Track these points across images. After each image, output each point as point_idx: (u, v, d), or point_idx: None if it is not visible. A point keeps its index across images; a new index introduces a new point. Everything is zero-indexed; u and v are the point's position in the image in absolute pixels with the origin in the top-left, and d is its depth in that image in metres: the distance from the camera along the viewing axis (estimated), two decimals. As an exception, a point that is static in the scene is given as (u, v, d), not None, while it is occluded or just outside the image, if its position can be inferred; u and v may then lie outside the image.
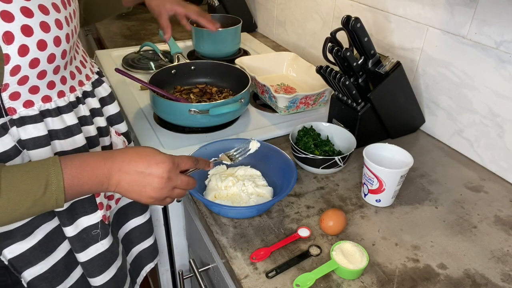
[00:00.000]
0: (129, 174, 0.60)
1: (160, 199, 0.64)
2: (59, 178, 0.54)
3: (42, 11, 0.57)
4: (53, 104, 0.64)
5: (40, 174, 0.54)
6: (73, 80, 0.69)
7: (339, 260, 0.68)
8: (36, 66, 0.58)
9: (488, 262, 0.73)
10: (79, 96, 0.70)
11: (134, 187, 0.61)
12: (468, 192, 0.90)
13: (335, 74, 0.94)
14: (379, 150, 0.86)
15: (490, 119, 0.94)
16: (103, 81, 0.79)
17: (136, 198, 0.63)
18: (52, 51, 0.59)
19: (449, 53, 1.00)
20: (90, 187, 0.58)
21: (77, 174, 0.56)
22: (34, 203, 0.53)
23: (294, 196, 0.86)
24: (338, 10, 1.34)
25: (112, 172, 0.60)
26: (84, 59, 0.75)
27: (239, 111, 1.09)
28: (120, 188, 0.61)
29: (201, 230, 0.91)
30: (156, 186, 0.62)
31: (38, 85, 0.61)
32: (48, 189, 0.54)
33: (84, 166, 0.57)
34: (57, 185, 0.54)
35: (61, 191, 0.55)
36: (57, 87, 0.64)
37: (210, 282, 0.96)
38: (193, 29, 1.47)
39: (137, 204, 0.89)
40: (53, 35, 0.58)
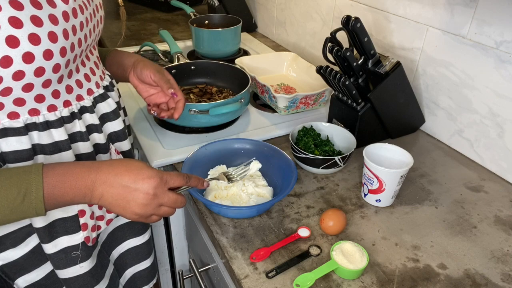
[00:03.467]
0: (113, 188, 0.58)
1: (144, 216, 0.61)
2: (39, 187, 0.53)
3: (34, 22, 0.54)
4: (41, 118, 0.61)
5: (20, 181, 0.52)
6: (70, 94, 0.64)
7: (339, 260, 0.68)
8: (21, 78, 0.55)
9: (488, 262, 0.73)
10: (75, 112, 0.66)
11: (118, 201, 0.58)
12: (468, 192, 0.90)
13: (335, 74, 0.94)
14: (379, 150, 0.86)
15: (490, 119, 0.94)
16: (109, 96, 0.73)
17: (120, 213, 0.60)
18: (41, 65, 0.55)
19: (449, 53, 1.00)
20: (72, 198, 0.56)
21: (59, 183, 0.55)
22: (11, 210, 0.52)
23: (294, 196, 0.86)
24: (338, 10, 1.34)
25: (96, 184, 0.57)
26: (92, 71, 0.70)
27: (239, 111, 1.09)
28: (104, 201, 0.58)
29: (201, 230, 0.91)
30: (140, 202, 0.59)
31: (23, 98, 0.57)
32: (27, 198, 0.52)
33: (67, 176, 0.56)
34: (36, 194, 0.53)
35: (40, 201, 0.53)
36: (47, 101, 0.61)
37: (210, 282, 0.96)
38: (193, 29, 1.47)
39: (136, 224, 0.85)
40: (43, 48, 0.55)
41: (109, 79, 0.76)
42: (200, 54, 1.52)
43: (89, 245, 0.71)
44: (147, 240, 0.88)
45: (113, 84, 0.77)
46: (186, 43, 1.68)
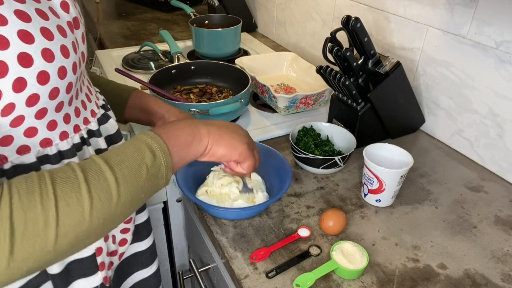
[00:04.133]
0: (214, 125, 0.61)
1: (252, 147, 0.65)
2: (160, 142, 0.52)
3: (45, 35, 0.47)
4: (54, 149, 0.53)
5: (140, 145, 0.51)
6: (78, 118, 0.57)
7: (339, 260, 0.68)
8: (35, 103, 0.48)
9: (488, 262, 0.73)
10: (84, 137, 0.59)
11: (227, 132, 0.61)
12: (468, 192, 0.90)
13: (335, 74, 0.94)
14: (379, 150, 0.86)
15: (490, 119, 0.94)
16: (110, 116, 0.66)
17: (231, 142, 0.61)
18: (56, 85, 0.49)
19: (449, 53, 1.00)
20: (185, 139, 0.56)
21: (170, 132, 0.55)
22: (148, 173, 0.50)
23: (294, 196, 0.86)
24: (338, 10, 1.34)
25: (198, 124, 0.59)
26: (89, 90, 0.63)
27: (239, 111, 1.09)
28: (213, 135, 0.59)
29: (201, 230, 0.91)
30: (244, 133, 0.64)
31: (36, 126, 0.50)
32: (156, 155, 0.51)
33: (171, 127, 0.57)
34: (161, 149, 0.52)
35: (167, 155, 0.52)
36: (59, 128, 0.53)
37: (210, 282, 0.96)
38: (193, 29, 1.47)
39: (142, 255, 0.77)
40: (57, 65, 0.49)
41: (101, 96, 0.69)
42: (200, 54, 1.52)
43: (107, 286, 0.64)
44: (155, 271, 0.81)
45: (106, 102, 0.70)
46: (186, 43, 1.68)
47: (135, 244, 0.76)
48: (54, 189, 0.42)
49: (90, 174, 0.45)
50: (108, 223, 0.47)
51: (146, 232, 0.77)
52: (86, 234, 0.45)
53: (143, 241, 0.77)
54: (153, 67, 1.41)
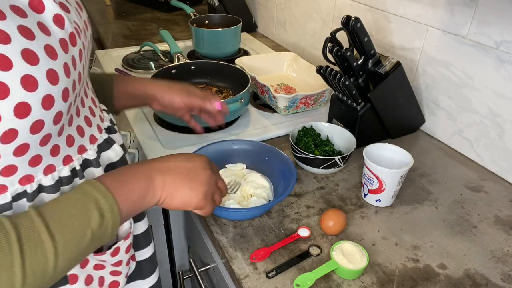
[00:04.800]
0: (171, 171, 0.53)
1: (210, 196, 0.57)
2: (111, 201, 0.46)
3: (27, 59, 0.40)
4: (34, 185, 0.47)
5: (88, 203, 0.45)
6: (71, 147, 0.51)
7: (339, 260, 0.68)
8: (13, 139, 0.41)
9: (488, 262, 0.73)
10: (76, 168, 0.52)
11: (182, 184, 0.54)
12: (468, 192, 0.90)
13: (335, 74, 0.94)
14: (379, 150, 0.86)
15: (490, 119, 0.94)
16: (114, 141, 0.60)
17: (187, 197, 0.54)
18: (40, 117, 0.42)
19: (449, 53, 1.00)
20: (138, 194, 0.50)
21: (120, 183, 0.48)
22: (92, 238, 0.44)
23: (294, 196, 0.86)
24: (338, 10, 1.34)
25: (152, 173, 0.52)
26: (92, 112, 0.56)
27: (239, 111, 1.09)
28: (167, 189, 0.52)
29: (201, 230, 0.91)
30: (203, 178, 0.55)
31: (15, 164, 0.44)
32: (104, 218, 0.45)
33: (125, 176, 0.50)
34: (111, 210, 0.46)
35: (116, 217, 0.47)
36: (44, 162, 0.47)
37: (210, 282, 0.96)
38: (193, 29, 1.47)
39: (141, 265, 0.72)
40: (42, 93, 0.42)
41: (108, 117, 0.63)
42: (200, 54, 1.52)
43: None
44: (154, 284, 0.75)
45: (113, 121, 0.65)
46: (186, 43, 1.67)
47: (137, 282, 0.72)
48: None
49: (26, 245, 0.39)
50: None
51: (149, 269, 0.73)
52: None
53: (146, 279, 0.73)
54: (153, 67, 1.41)
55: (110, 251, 0.56)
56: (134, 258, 0.69)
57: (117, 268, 0.61)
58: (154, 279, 0.74)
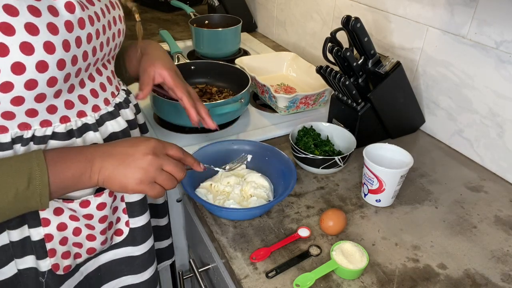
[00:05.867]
0: (112, 156, 0.56)
1: (147, 181, 0.58)
2: (43, 170, 0.51)
3: (29, 30, 0.50)
4: (29, 133, 0.57)
5: (22, 167, 0.51)
6: (70, 110, 0.60)
7: (339, 260, 0.68)
8: (9, 91, 0.51)
9: (488, 262, 0.73)
10: (73, 129, 0.60)
11: (118, 169, 0.56)
12: (468, 192, 0.90)
13: (335, 74, 0.94)
14: (379, 150, 0.86)
15: (490, 119, 0.94)
16: (119, 114, 0.67)
17: (122, 183, 0.57)
18: (32, 77, 0.52)
19: (449, 53, 1.00)
20: (73, 173, 0.54)
21: (60, 160, 0.53)
22: (16, 197, 0.50)
23: (294, 196, 0.86)
24: (338, 10, 1.34)
25: (95, 156, 0.56)
26: (102, 87, 0.65)
27: (239, 111, 1.09)
28: (103, 173, 0.56)
29: (201, 230, 0.91)
30: (141, 165, 0.57)
31: (13, 111, 0.54)
32: (32, 183, 0.51)
33: (67, 153, 0.55)
34: (40, 179, 0.51)
35: (45, 185, 0.51)
36: (40, 116, 0.56)
37: (210, 282, 0.96)
38: (193, 29, 1.47)
39: (135, 260, 0.76)
40: (36, 58, 0.51)
41: (124, 95, 0.71)
42: (200, 54, 1.52)
43: (59, 273, 0.65)
44: (147, 279, 0.78)
45: (129, 100, 0.72)
46: (186, 43, 1.68)
47: (128, 248, 0.74)
48: None
49: None
50: None
51: (142, 237, 0.75)
52: None
53: (137, 246, 0.75)
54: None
55: (78, 201, 0.62)
56: (128, 224, 0.73)
57: (89, 222, 0.65)
58: (146, 247, 0.76)
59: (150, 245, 0.77)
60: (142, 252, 0.76)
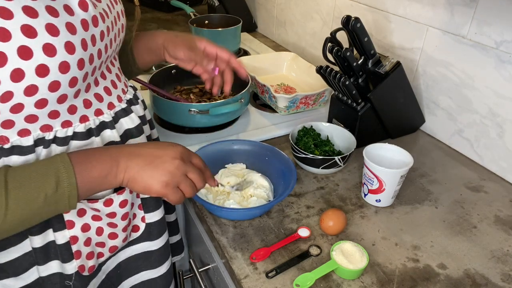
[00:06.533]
0: (139, 156, 0.57)
1: (172, 185, 0.58)
2: (70, 173, 0.51)
3: (49, 31, 0.49)
4: (51, 134, 0.56)
5: (49, 170, 0.50)
6: (88, 109, 0.60)
7: (339, 260, 0.68)
8: (33, 94, 0.50)
9: (488, 262, 0.73)
10: (92, 127, 0.61)
11: (145, 169, 0.56)
12: (468, 192, 0.90)
13: (335, 74, 0.94)
14: (379, 150, 0.86)
15: (490, 119, 0.94)
16: (132, 111, 0.68)
17: (147, 182, 0.57)
18: (56, 78, 0.51)
19: (449, 53, 1.00)
20: (99, 173, 0.54)
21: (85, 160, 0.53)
22: (45, 201, 0.50)
23: (294, 196, 0.86)
24: (338, 10, 1.34)
25: (121, 155, 0.56)
26: (113, 84, 0.65)
27: (239, 111, 1.09)
28: (129, 172, 0.56)
29: (201, 230, 0.91)
30: (168, 168, 0.57)
31: (36, 114, 0.53)
32: (60, 186, 0.50)
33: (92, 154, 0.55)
34: (68, 181, 0.51)
35: (73, 187, 0.51)
36: (61, 117, 0.56)
37: (210, 282, 0.96)
38: (193, 29, 1.47)
39: (152, 254, 0.77)
40: (59, 60, 0.50)
41: (133, 91, 0.72)
42: (200, 54, 1.52)
43: (85, 274, 0.65)
44: (164, 273, 0.80)
45: (137, 97, 0.73)
46: (186, 43, 1.67)
47: (145, 243, 0.76)
48: None
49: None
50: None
51: (157, 232, 0.76)
52: None
53: (154, 241, 0.76)
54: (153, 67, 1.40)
55: (103, 201, 0.62)
56: (144, 220, 0.73)
57: (112, 220, 0.66)
58: (161, 242, 0.77)
59: (165, 239, 0.78)
60: (158, 246, 0.77)
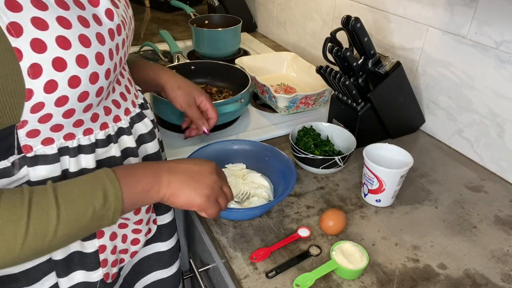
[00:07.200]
0: (179, 172, 0.59)
1: (212, 198, 0.61)
2: (117, 187, 0.51)
3: (82, 42, 0.49)
4: (75, 142, 0.56)
5: (96, 185, 0.50)
6: (108, 116, 0.60)
7: (339, 260, 0.68)
8: (63, 104, 0.50)
9: (488, 262, 0.73)
10: (111, 134, 0.61)
11: (187, 183, 0.58)
12: (468, 192, 0.90)
13: (335, 74, 0.94)
14: (379, 150, 0.86)
15: (490, 119, 0.94)
16: (145, 116, 0.68)
17: (190, 196, 0.59)
18: (86, 89, 0.51)
19: (449, 53, 1.00)
20: (143, 187, 0.55)
21: (129, 176, 0.54)
22: (93, 215, 0.49)
23: (294, 196, 0.86)
24: (338, 10, 1.34)
25: (161, 171, 0.57)
26: (127, 89, 0.66)
27: (239, 111, 1.09)
28: (172, 187, 0.57)
29: (201, 230, 0.91)
30: (207, 182, 0.60)
31: (62, 124, 0.53)
32: (107, 200, 0.50)
33: (134, 170, 0.56)
34: (115, 195, 0.51)
35: (119, 202, 0.51)
36: (84, 125, 0.56)
37: (210, 282, 0.96)
38: (193, 29, 1.47)
39: (163, 255, 0.79)
40: (90, 71, 0.50)
41: (142, 95, 0.72)
42: (200, 54, 1.52)
43: (108, 281, 0.66)
44: (174, 273, 0.83)
45: (146, 100, 0.73)
46: (186, 43, 1.67)
47: (157, 244, 0.78)
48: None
49: (35, 208, 0.46)
50: (39, 254, 0.48)
51: (168, 233, 0.78)
52: (14, 261, 0.46)
53: (165, 242, 0.78)
54: (153, 67, 1.40)
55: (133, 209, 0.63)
56: (156, 222, 0.75)
57: (138, 227, 0.68)
58: (172, 242, 0.80)
59: (175, 240, 0.81)
60: (169, 247, 0.79)
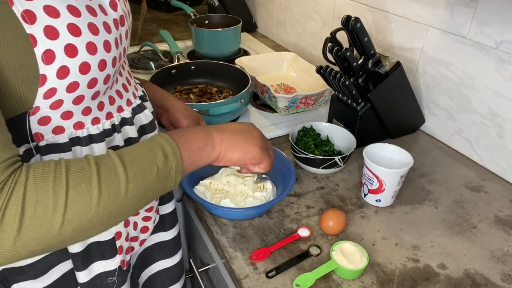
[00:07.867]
0: (231, 131, 0.62)
1: (265, 148, 0.66)
2: (174, 146, 0.54)
3: (91, 30, 0.51)
4: (85, 132, 0.56)
5: (155, 146, 0.53)
6: (112, 106, 0.61)
7: (339, 260, 0.68)
8: (74, 90, 0.51)
9: (488, 262, 0.73)
10: (116, 124, 0.62)
11: (240, 138, 0.62)
12: (468, 192, 0.90)
13: (335, 74, 0.94)
14: (379, 150, 0.86)
15: (490, 119, 0.94)
16: (146, 107, 0.69)
17: (246, 148, 0.63)
18: (95, 76, 0.52)
19: (449, 53, 1.00)
20: (198, 145, 0.58)
21: (182, 135, 0.57)
22: (157, 174, 0.52)
23: (294, 196, 0.86)
24: (338, 10, 1.34)
25: (211, 129, 0.61)
26: (128, 81, 0.67)
27: (239, 111, 1.09)
28: (226, 142, 0.61)
29: (201, 230, 0.91)
30: (257, 135, 0.65)
31: (72, 111, 0.54)
32: (168, 158, 0.53)
33: (187, 131, 0.59)
34: (174, 153, 0.54)
35: (179, 160, 0.54)
36: (92, 113, 0.57)
37: (210, 282, 0.96)
38: (193, 29, 1.47)
39: (166, 245, 0.81)
40: (98, 58, 0.52)
41: (141, 88, 0.73)
42: (200, 54, 1.52)
43: (124, 269, 0.68)
44: (177, 262, 0.84)
45: (145, 93, 0.74)
46: (186, 43, 1.67)
47: (160, 233, 0.79)
48: (67, 177, 0.44)
49: (102, 167, 0.47)
50: (113, 216, 0.49)
51: (170, 223, 0.80)
52: (91, 223, 0.46)
53: (168, 231, 0.80)
54: (153, 67, 1.41)
55: None
56: (158, 211, 0.76)
57: (148, 214, 0.70)
58: (174, 232, 0.81)
59: (178, 229, 0.82)
60: (172, 236, 0.80)
